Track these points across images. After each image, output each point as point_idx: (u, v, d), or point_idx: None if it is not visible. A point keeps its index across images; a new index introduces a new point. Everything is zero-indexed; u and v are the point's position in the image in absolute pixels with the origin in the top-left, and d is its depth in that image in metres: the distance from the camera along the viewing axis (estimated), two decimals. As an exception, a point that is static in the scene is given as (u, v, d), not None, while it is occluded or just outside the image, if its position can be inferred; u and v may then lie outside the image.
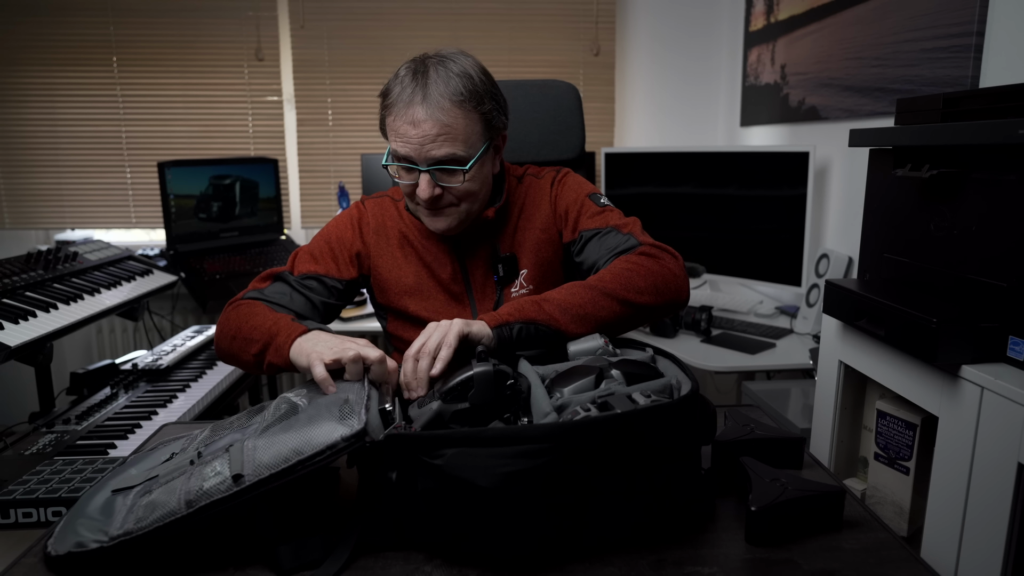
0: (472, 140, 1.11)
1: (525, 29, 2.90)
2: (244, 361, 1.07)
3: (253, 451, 0.75)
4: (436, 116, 1.06)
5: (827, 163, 2.17)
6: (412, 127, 1.07)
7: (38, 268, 1.89)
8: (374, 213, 1.27)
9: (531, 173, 1.31)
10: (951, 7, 1.57)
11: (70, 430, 1.48)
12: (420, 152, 1.08)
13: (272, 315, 1.07)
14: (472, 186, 1.14)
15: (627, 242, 1.15)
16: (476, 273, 1.24)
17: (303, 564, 0.74)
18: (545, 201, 1.27)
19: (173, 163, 2.60)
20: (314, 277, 1.20)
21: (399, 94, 1.09)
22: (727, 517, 0.84)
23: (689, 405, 0.79)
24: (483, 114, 1.12)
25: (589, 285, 1.05)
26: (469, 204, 1.16)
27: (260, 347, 1.02)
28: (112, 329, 2.97)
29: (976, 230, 1.02)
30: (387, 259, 1.24)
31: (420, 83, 1.08)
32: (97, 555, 0.73)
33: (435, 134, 1.07)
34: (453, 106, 1.07)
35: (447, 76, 1.08)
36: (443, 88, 1.07)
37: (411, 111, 1.07)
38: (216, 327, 1.15)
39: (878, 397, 1.22)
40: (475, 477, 0.70)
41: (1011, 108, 0.98)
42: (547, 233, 1.25)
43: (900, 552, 0.78)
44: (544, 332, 0.99)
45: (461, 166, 1.10)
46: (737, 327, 2.19)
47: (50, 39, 2.81)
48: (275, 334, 1.01)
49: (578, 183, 1.29)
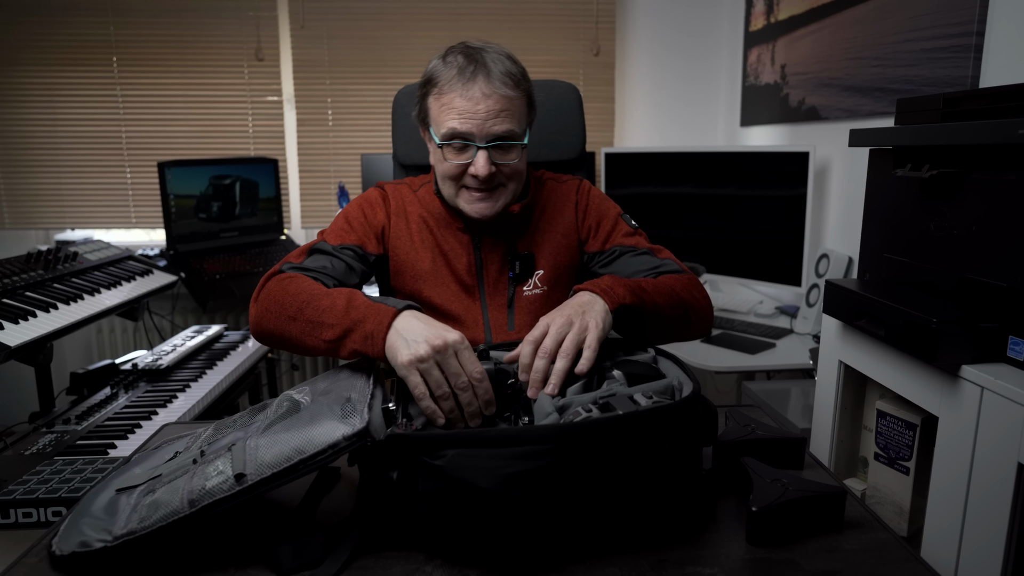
0: (522, 119, 1.16)
1: (525, 29, 2.90)
2: (308, 346, 0.98)
3: (255, 450, 0.75)
4: (501, 91, 1.11)
5: (827, 163, 2.17)
6: (475, 103, 1.10)
7: (38, 268, 1.89)
8: (395, 196, 1.28)
9: (550, 177, 1.33)
10: (951, 7, 1.57)
11: (70, 430, 1.48)
12: (482, 128, 1.11)
13: (337, 292, 0.98)
14: (521, 166, 1.18)
15: (668, 265, 1.19)
16: (491, 268, 1.24)
17: (303, 564, 0.74)
18: (569, 207, 1.29)
19: (173, 163, 2.60)
20: (349, 247, 1.20)
21: (456, 74, 1.11)
22: (728, 517, 0.84)
23: (691, 406, 0.79)
24: (528, 96, 1.18)
25: (669, 288, 1.09)
26: (516, 185, 1.20)
27: (339, 332, 0.93)
28: (112, 329, 2.97)
29: (976, 230, 1.02)
30: (405, 241, 1.25)
31: (480, 61, 1.12)
32: (101, 555, 0.73)
33: (498, 109, 1.11)
34: (513, 83, 1.12)
35: (500, 57, 1.13)
36: (501, 67, 1.12)
37: (475, 87, 1.10)
38: (257, 305, 1.06)
39: (878, 397, 1.22)
40: (476, 478, 0.70)
41: (1011, 108, 0.98)
42: (568, 239, 1.27)
43: (901, 552, 0.78)
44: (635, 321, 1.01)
45: (517, 141, 1.14)
46: (737, 327, 2.19)
47: (50, 39, 2.81)
48: (360, 319, 0.92)
49: (605, 198, 1.33)
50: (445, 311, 1.22)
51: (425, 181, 1.31)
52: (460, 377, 0.86)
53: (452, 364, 0.86)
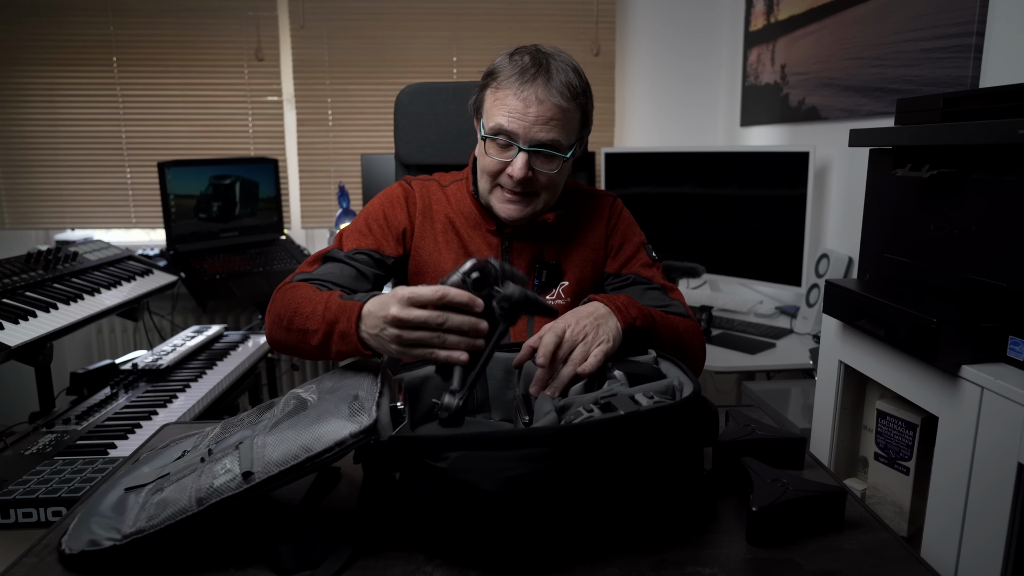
0: (571, 133, 1.15)
1: (525, 29, 2.90)
2: (307, 352, 1.02)
3: (263, 448, 0.75)
4: (555, 100, 1.10)
5: (827, 163, 2.17)
6: (527, 105, 1.09)
7: (38, 268, 1.89)
8: (421, 194, 1.27)
9: (583, 189, 1.33)
10: (951, 7, 1.57)
11: (70, 430, 1.48)
12: (529, 131, 1.10)
13: (320, 297, 0.99)
14: (559, 178, 1.17)
15: (676, 307, 1.20)
16: None
17: (303, 564, 0.74)
18: (601, 224, 1.29)
19: (173, 163, 2.59)
20: (364, 252, 1.19)
21: (520, 71, 1.11)
22: (728, 517, 0.84)
23: (692, 407, 0.79)
24: (584, 113, 1.17)
25: (676, 328, 1.11)
26: (548, 196, 1.19)
27: (321, 336, 0.96)
28: (112, 329, 2.97)
29: (976, 230, 1.02)
30: (429, 242, 1.24)
31: (544, 67, 1.11)
32: (111, 553, 0.73)
33: (549, 116, 1.10)
34: (570, 96, 1.11)
35: (565, 67, 1.12)
36: (564, 77, 1.11)
37: (532, 89, 1.09)
38: (268, 316, 1.09)
39: (878, 397, 1.22)
40: (479, 481, 0.70)
41: (1011, 108, 0.98)
42: (596, 253, 1.27)
43: (901, 552, 0.78)
44: (637, 345, 1.00)
45: (561, 153, 1.13)
46: (737, 327, 2.19)
47: (50, 39, 2.81)
48: (333, 320, 0.94)
49: (634, 222, 1.33)
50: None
51: (456, 178, 1.29)
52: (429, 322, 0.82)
53: (418, 314, 0.82)
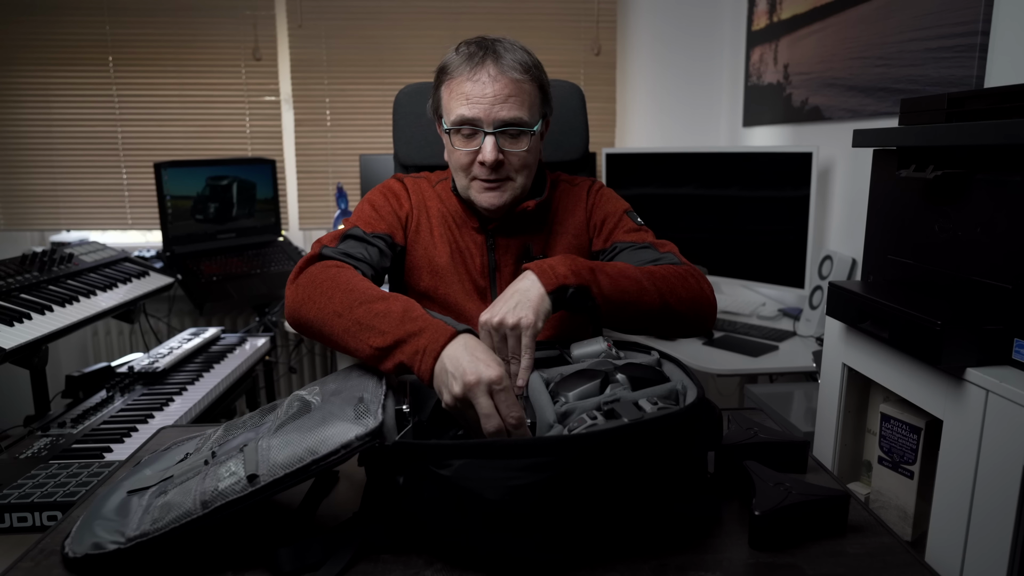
0: (533, 109, 1.14)
1: (525, 29, 2.89)
2: (349, 347, 0.91)
3: (267, 451, 0.74)
4: (509, 75, 1.10)
5: (830, 164, 2.17)
6: (484, 86, 1.09)
7: (33, 270, 1.87)
8: (414, 189, 1.27)
9: (564, 179, 1.32)
10: (956, 6, 1.56)
11: (65, 433, 1.46)
12: (489, 112, 1.10)
13: (396, 300, 0.92)
14: (530, 158, 1.16)
15: (667, 259, 1.16)
16: (504, 271, 1.23)
17: (303, 567, 0.73)
18: (580, 208, 1.28)
19: (170, 164, 2.58)
20: (380, 236, 1.18)
21: (465, 60, 1.11)
22: (731, 522, 0.83)
23: (697, 412, 0.78)
24: (541, 87, 1.16)
25: (639, 274, 1.04)
26: (524, 180, 1.18)
27: (391, 340, 0.87)
28: (108, 331, 2.96)
29: (981, 231, 1.01)
30: (424, 235, 1.24)
31: (491, 49, 1.11)
32: (115, 556, 0.72)
33: (506, 94, 1.10)
34: (523, 71, 1.11)
35: (512, 47, 1.13)
36: (512, 55, 1.12)
37: (483, 71, 1.10)
38: (296, 290, 1.00)
39: (882, 400, 1.22)
40: (483, 489, 0.69)
41: (1016, 108, 0.97)
42: (579, 239, 1.26)
43: (905, 557, 0.77)
44: (586, 303, 0.97)
45: (527, 128, 1.12)
46: (740, 329, 2.18)
47: (45, 39, 2.80)
48: (415, 332, 0.86)
49: (615, 197, 1.31)
50: (459, 310, 1.22)
51: (442, 178, 1.30)
52: (491, 419, 0.79)
53: (483, 404, 0.79)
